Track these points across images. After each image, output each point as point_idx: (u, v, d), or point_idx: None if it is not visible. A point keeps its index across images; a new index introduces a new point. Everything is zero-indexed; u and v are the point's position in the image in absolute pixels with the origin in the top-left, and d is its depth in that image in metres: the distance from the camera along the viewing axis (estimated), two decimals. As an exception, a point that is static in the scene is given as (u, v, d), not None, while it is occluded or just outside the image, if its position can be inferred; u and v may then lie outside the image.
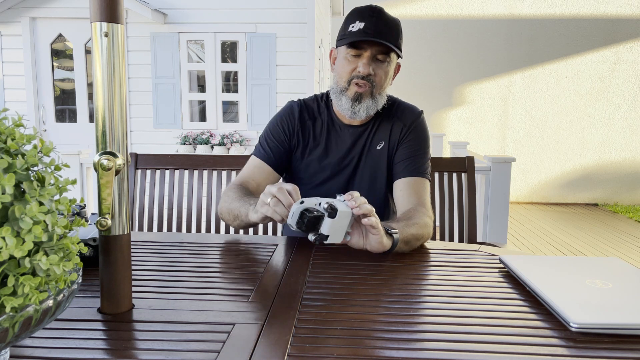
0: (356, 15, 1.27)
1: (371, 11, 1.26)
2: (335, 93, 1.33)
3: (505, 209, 3.29)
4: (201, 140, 5.21)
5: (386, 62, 1.29)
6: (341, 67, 1.30)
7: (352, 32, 1.25)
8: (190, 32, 5.22)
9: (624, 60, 6.92)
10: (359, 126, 1.38)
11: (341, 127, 1.38)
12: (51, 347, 0.64)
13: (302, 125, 1.39)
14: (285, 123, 1.39)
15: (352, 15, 1.29)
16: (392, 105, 1.41)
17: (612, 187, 7.13)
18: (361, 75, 1.26)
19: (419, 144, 1.37)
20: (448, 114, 7.30)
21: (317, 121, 1.40)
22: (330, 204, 0.91)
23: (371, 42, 1.24)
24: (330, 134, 1.39)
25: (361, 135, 1.38)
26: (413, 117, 1.39)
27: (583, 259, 1.00)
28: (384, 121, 1.39)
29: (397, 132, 1.38)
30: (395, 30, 1.27)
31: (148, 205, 1.70)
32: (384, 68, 1.29)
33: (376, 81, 1.28)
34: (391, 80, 1.35)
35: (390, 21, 1.27)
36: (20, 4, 5.17)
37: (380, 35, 1.23)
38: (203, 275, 0.93)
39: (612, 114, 7.03)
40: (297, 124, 1.38)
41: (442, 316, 0.75)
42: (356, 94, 1.28)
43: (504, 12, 7.06)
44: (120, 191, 0.73)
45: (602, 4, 6.89)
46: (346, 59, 1.29)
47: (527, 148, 7.23)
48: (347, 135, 1.38)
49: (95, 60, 0.70)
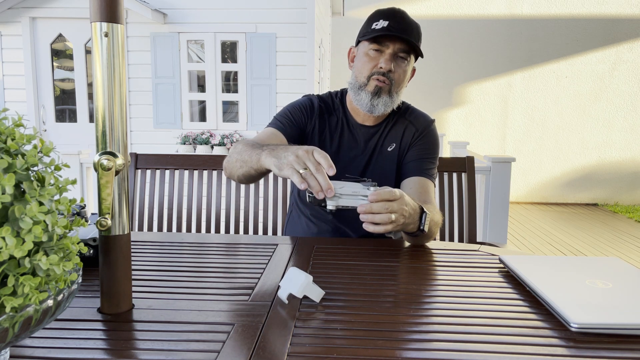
0: (380, 15, 1.30)
1: (394, 11, 1.30)
2: (354, 88, 1.33)
3: (505, 209, 3.29)
4: (201, 140, 5.21)
5: (406, 62, 1.31)
6: (362, 63, 1.31)
7: (375, 29, 1.27)
8: (190, 32, 5.22)
9: (624, 60, 6.92)
10: (372, 126, 1.39)
11: (354, 126, 1.39)
12: (51, 347, 0.64)
13: (320, 117, 1.39)
14: (305, 109, 1.39)
15: (375, 15, 1.31)
16: (406, 110, 1.43)
17: (612, 187, 7.13)
18: (382, 72, 1.28)
19: (429, 149, 1.39)
20: (448, 114, 7.30)
21: (333, 117, 1.41)
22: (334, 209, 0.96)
23: (394, 39, 1.27)
24: (344, 131, 1.40)
25: (373, 136, 1.39)
26: (426, 124, 1.41)
27: (583, 259, 1.00)
28: (397, 124, 1.40)
29: (409, 136, 1.39)
30: (417, 32, 1.31)
31: (148, 205, 1.70)
32: (404, 67, 1.31)
33: (395, 79, 1.29)
34: (407, 82, 1.36)
35: (412, 23, 1.30)
36: (20, 4, 5.17)
37: (404, 33, 1.26)
38: (203, 275, 0.93)
39: (612, 114, 7.03)
40: (316, 114, 1.39)
41: (442, 316, 0.75)
42: (376, 87, 1.29)
43: (504, 12, 7.06)
44: (120, 191, 0.73)
45: (602, 4, 6.89)
46: (367, 55, 1.30)
47: (527, 148, 7.22)
48: (359, 135, 1.39)
49: (95, 60, 0.70)
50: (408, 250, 1.11)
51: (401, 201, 0.97)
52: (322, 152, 0.91)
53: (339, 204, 0.96)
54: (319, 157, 0.90)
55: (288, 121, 1.36)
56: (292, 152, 0.91)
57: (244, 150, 1.11)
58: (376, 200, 0.95)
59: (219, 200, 1.70)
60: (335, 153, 1.38)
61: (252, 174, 1.10)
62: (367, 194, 0.96)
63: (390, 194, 0.96)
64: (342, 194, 0.97)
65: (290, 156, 0.91)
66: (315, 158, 0.90)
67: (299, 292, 0.77)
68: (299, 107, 1.39)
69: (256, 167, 1.04)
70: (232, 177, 1.19)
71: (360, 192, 0.97)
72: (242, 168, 1.10)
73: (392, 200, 0.96)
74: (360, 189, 0.98)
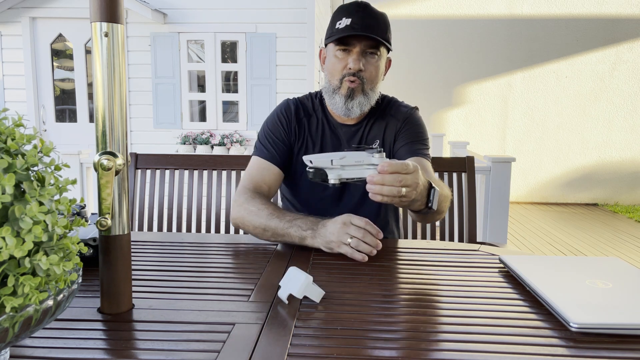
0: (342, 12, 1.26)
1: (357, 6, 1.25)
2: (328, 92, 1.32)
3: (505, 209, 3.29)
4: (201, 140, 5.21)
5: (376, 57, 1.28)
6: (332, 65, 1.30)
7: (339, 29, 1.24)
8: (190, 32, 5.22)
9: (624, 60, 6.92)
10: (353, 125, 1.38)
11: (335, 126, 1.38)
12: (51, 347, 0.64)
13: (298, 122, 1.37)
14: (282, 119, 1.37)
15: (338, 13, 1.28)
16: (387, 104, 1.41)
17: (612, 187, 7.13)
18: (352, 72, 1.25)
19: (416, 132, 1.37)
20: (448, 114, 7.30)
21: (312, 118, 1.39)
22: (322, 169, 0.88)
23: (359, 37, 1.23)
24: (325, 132, 1.38)
25: (356, 134, 1.38)
26: (408, 113, 1.39)
27: (583, 259, 1.00)
28: (379, 119, 1.38)
29: (392, 129, 1.38)
30: (383, 23, 1.26)
31: (148, 205, 1.70)
32: (374, 63, 1.28)
33: (366, 77, 1.27)
34: (383, 76, 1.34)
35: (377, 15, 1.26)
36: (20, 4, 5.17)
37: (368, 29, 1.22)
38: (203, 275, 0.93)
39: (612, 114, 7.03)
40: (293, 119, 1.37)
41: (442, 316, 0.75)
42: (349, 89, 1.27)
43: (504, 12, 7.05)
44: (120, 191, 0.73)
45: (602, 4, 6.89)
46: (336, 57, 1.28)
47: (527, 148, 7.22)
48: (341, 134, 1.38)
49: (95, 60, 0.70)
50: (408, 250, 1.11)
51: (415, 175, 0.91)
52: (360, 220, 0.99)
53: (342, 176, 0.88)
54: (359, 223, 0.99)
55: (272, 144, 1.34)
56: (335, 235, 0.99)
57: (269, 217, 1.13)
58: (388, 172, 0.87)
59: (219, 200, 1.70)
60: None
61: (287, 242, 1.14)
62: (374, 163, 0.86)
63: (404, 166, 0.88)
64: (345, 164, 0.87)
65: (334, 236, 0.99)
66: (357, 225, 0.98)
67: (299, 293, 0.77)
68: (277, 121, 1.37)
69: (298, 243, 1.09)
70: (248, 233, 1.20)
71: (365, 160, 0.88)
72: (273, 237, 1.13)
73: (406, 174, 0.89)
74: (365, 157, 0.88)
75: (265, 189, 1.29)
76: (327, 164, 0.88)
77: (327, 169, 0.88)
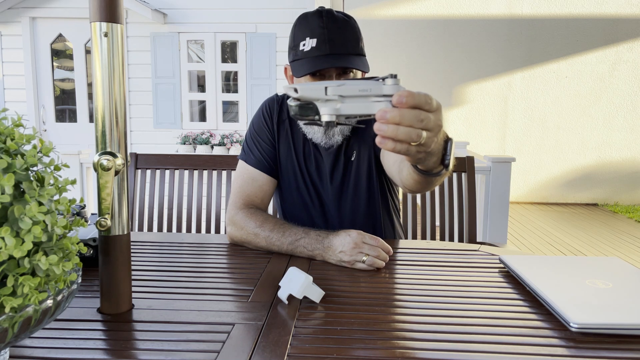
0: (305, 29, 1.12)
1: (320, 21, 1.10)
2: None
3: (505, 209, 3.29)
4: (201, 140, 5.21)
5: (353, 72, 1.15)
6: None
7: (304, 52, 1.11)
8: (190, 32, 5.22)
9: (624, 60, 6.92)
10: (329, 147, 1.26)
11: (314, 144, 1.27)
12: (51, 347, 0.64)
13: (279, 122, 1.28)
14: (267, 117, 1.29)
15: (300, 29, 1.14)
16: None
17: (612, 187, 7.13)
18: None
19: None
20: (448, 114, 7.29)
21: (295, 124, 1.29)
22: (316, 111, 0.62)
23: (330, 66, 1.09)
24: (305, 146, 1.27)
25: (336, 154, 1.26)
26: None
27: (583, 259, 1.00)
28: (353, 133, 1.26)
29: (369, 134, 1.25)
30: (352, 35, 1.12)
31: (148, 205, 1.70)
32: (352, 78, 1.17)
33: None
34: None
35: (343, 27, 1.11)
36: (20, 4, 5.17)
37: (338, 54, 1.09)
38: (203, 275, 0.93)
39: (612, 114, 7.03)
40: (275, 118, 1.28)
41: (442, 316, 0.75)
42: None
43: (504, 12, 7.05)
44: (120, 191, 0.73)
45: (602, 4, 6.89)
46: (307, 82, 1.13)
47: (527, 148, 7.22)
48: (320, 153, 1.27)
49: (95, 60, 0.70)
50: (408, 250, 1.11)
51: (438, 115, 0.64)
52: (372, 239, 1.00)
53: (340, 112, 0.62)
54: (373, 242, 0.99)
55: (258, 147, 1.26)
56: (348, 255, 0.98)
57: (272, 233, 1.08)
58: (408, 106, 0.60)
59: (219, 200, 1.70)
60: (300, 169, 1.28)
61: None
62: (385, 93, 0.61)
63: (428, 99, 0.61)
64: (344, 95, 0.61)
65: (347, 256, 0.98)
66: (371, 244, 0.98)
67: (299, 293, 0.77)
68: (262, 120, 1.29)
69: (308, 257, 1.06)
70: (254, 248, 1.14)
71: (373, 89, 0.61)
72: (278, 251, 1.09)
73: (428, 111, 0.62)
74: (373, 85, 0.61)
75: (257, 202, 1.22)
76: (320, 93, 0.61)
77: (319, 101, 0.62)
